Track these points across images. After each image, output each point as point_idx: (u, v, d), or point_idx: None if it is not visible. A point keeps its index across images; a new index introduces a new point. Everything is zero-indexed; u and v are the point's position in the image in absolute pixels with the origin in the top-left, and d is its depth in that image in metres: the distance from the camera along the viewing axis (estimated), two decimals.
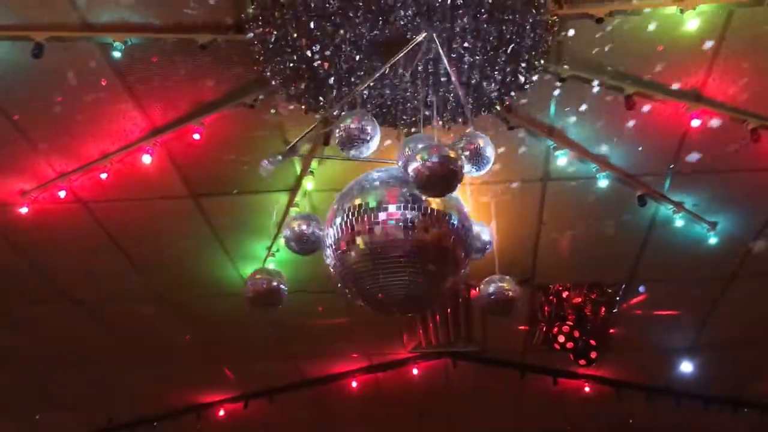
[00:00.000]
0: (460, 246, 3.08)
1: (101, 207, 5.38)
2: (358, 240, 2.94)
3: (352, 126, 3.02)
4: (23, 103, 4.47)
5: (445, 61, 3.56)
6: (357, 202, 3.00)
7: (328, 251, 3.05)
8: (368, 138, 3.03)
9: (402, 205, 2.94)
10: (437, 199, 3.04)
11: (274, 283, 3.36)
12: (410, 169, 2.78)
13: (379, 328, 6.90)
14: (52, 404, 8.16)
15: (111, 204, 5.34)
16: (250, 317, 6.76)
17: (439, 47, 3.54)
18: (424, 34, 3.47)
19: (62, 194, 5.08)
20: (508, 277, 3.39)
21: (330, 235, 3.03)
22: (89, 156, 4.83)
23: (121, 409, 8.38)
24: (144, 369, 7.60)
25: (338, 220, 3.01)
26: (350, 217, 2.97)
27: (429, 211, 3.00)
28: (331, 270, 3.08)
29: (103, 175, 4.89)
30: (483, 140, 3.25)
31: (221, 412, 8.27)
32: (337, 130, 3.05)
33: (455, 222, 3.04)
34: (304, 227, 3.30)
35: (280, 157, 3.73)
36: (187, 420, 8.32)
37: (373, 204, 2.97)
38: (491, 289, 3.33)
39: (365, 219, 2.94)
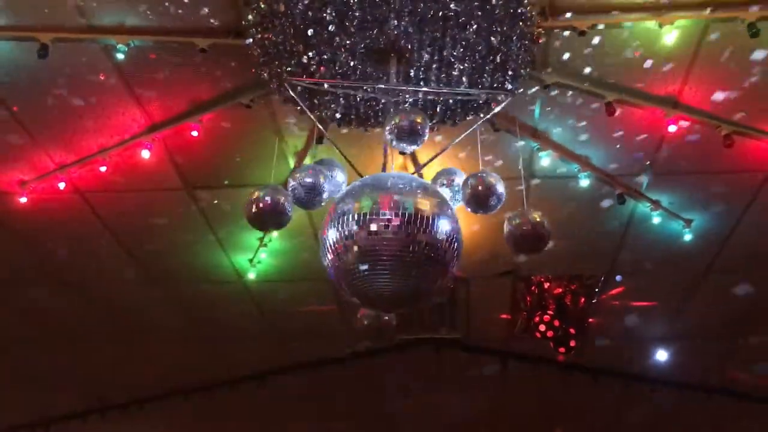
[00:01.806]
0: (448, 248, 3.25)
1: (98, 197, 5.54)
2: (353, 242, 3.11)
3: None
4: (27, 98, 4.63)
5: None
6: (352, 206, 3.17)
7: (325, 252, 3.22)
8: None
9: (394, 210, 3.12)
10: (427, 203, 3.22)
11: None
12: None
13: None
14: (44, 385, 8.30)
15: (108, 195, 5.51)
16: (241, 304, 6.99)
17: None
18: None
19: (61, 185, 5.24)
20: (538, 212, 3.46)
21: (327, 236, 3.20)
22: (89, 149, 5.00)
23: (113, 390, 8.54)
24: (137, 352, 7.76)
25: (334, 223, 3.18)
26: (346, 220, 3.14)
27: (419, 215, 3.18)
28: (328, 270, 3.25)
29: (102, 168, 5.05)
30: (420, 117, 3.41)
31: (213, 395, 8.44)
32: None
33: (445, 227, 3.21)
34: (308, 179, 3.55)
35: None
36: (177, 402, 8.49)
37: (367, 208, 3.14)
38: (518, 220, 3.38)
39: (360, 223, 3.12)
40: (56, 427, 8.88)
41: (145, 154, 4.89)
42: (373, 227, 3.11)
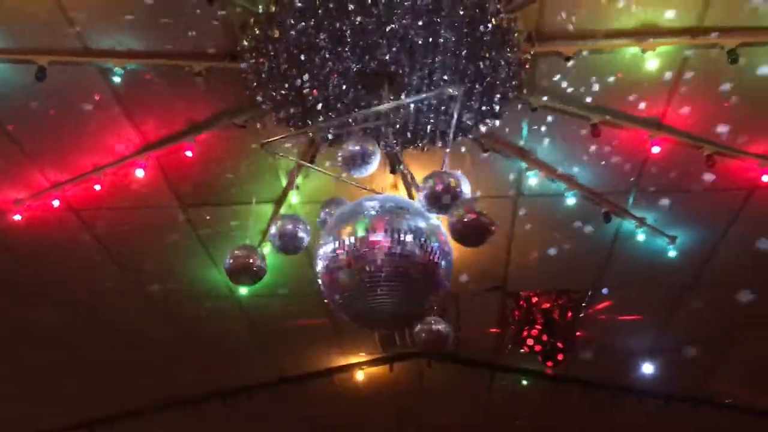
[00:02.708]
0: (440, 269, 3.33)
1: (93, 215, 5.60)
2: (346, 265, 3.19)
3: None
4: (22, 118, 4.68)
5: None
6: (347, 228, 3.25)
7: (320, 273, 3.30)
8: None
9: (387, 232, 3.20)
10: (418, 224, 3.30)
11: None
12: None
13: (356, 328, 7.15)
14: (39, 398, 8.30)
15: (102, 213, 5.56)
16: (234, 319, 7.05)
17: None
18: None
19: (56, 203, 5.30)
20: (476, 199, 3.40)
21: (320, 258, 3.28)
22: (83, 168, 5.05)
23: (106, 404, 8.55)
24: (129, 368, 7.79)
25: (329, 245, 3.27)
26: (340, 242, 3.22)
27: (410, 236, 3.25)
28: (323, 290, 3.33)
29: (97, 187, 5.12)
30: (371, 144, 3.52)
31: (201, 409, 8.46)
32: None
33: (436, 247, 3.29)
34: (288, 227, 3.69)
35: None
36: (166, 416, 8.51)
37: (361, 231, 3.23)
38: (461, 211, 3.23)
39: (354, 245, 3.20)
40: None
41: (140, 173, 4.97)
42: (366, 249, 3.19)
